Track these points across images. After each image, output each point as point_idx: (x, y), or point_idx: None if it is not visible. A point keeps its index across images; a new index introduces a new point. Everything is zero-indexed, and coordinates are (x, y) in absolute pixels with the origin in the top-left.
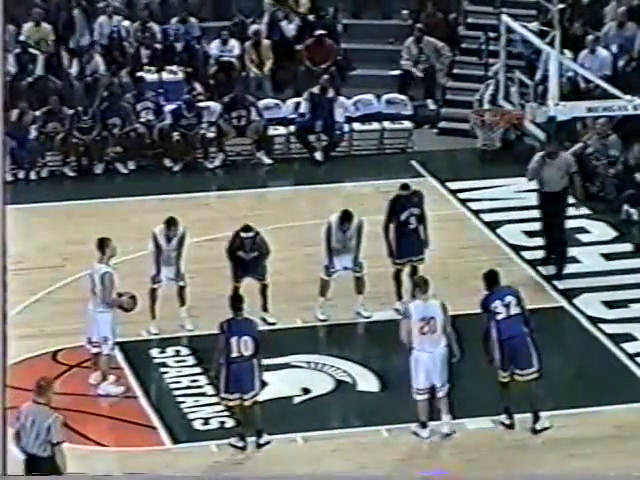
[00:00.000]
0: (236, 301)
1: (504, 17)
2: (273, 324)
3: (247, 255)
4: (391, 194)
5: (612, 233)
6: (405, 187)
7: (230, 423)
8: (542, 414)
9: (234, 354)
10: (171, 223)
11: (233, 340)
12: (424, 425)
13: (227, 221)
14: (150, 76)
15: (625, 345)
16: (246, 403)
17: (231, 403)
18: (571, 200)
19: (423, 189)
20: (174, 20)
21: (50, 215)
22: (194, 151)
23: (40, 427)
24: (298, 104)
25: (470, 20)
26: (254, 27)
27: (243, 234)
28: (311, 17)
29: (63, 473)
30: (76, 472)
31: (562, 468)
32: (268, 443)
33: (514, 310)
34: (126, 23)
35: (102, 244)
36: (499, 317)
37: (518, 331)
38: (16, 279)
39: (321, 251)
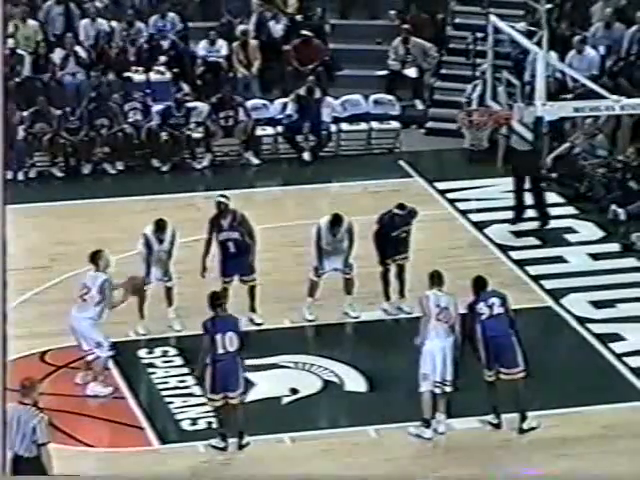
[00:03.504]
0: (215, 299)
1: (492, 17)
2: (260, 324)
3: (229, 234)
4: (379, 194)
5: (599, 233)
6: (402, 207)
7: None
8: (529, 414)
9: (220, 351)
10: (160, 225)
11: (218, 337)
12: (427, 424)
13: None
14: (138, 76)
15: (613, 345)
16: (232, 401)
17: (217, 403)
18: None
19: (411, 189)
20: (154, 17)
21: (38, 215)
22: (182, 151)
23: (26, 428)
24: (286, 104)
25: (457, 20)
26: (241, 27)
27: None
28: (299, 17)
29: (49, 473)
30: (65, 473)
31: (550, 468)
32: (248, 444)
33: (497, 310)
34: (113, 23)
35: (95, 257)
36: (483, 317)
37: (502, 330)
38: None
39: (311, 252)
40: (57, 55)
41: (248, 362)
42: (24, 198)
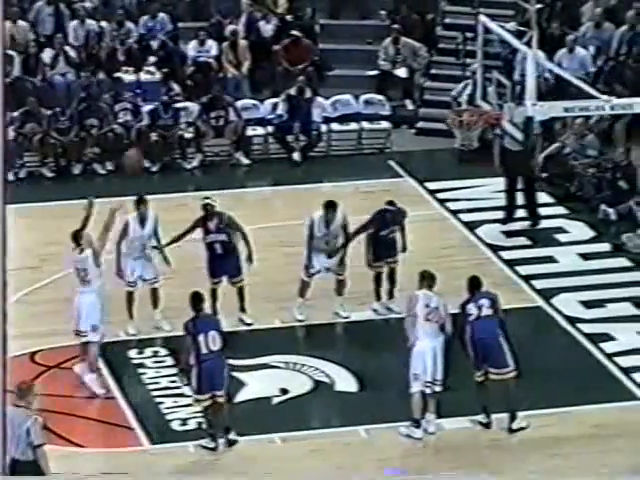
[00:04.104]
0: (197, 300)
1: (481, 17)
2: (250, 324)
3: (217, 236)
4: (370, 194)
5: (590, 233)
6: (392, 203)
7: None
8: (520, 414)
9: (204, 350)
10: (140, 202)
11: (201, 337)
12: (417, 424)
13: None
14: (128, 77)
15: (603, 345)
16: (220, 400)
17: (205, 403)
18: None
19: (401, 189)
20: (144, 17)
21: (28, 216)
22: (172, 152)
23: (19, 430)
24: (276, 104)
25: (447, 20)
26: (231, 27)
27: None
28: (289, 17)
29: (46, 474)
30: (54, 473)
31: (541, 468)
32: (237, 442)
33: (485, 312)
34: (102, 23)
35: (76, 236)
36: (471, 318)
37: (489, 332)
38: None
39: (301, 252)
40: (47, 55)
41: (238, 362)
42: (14, 198)
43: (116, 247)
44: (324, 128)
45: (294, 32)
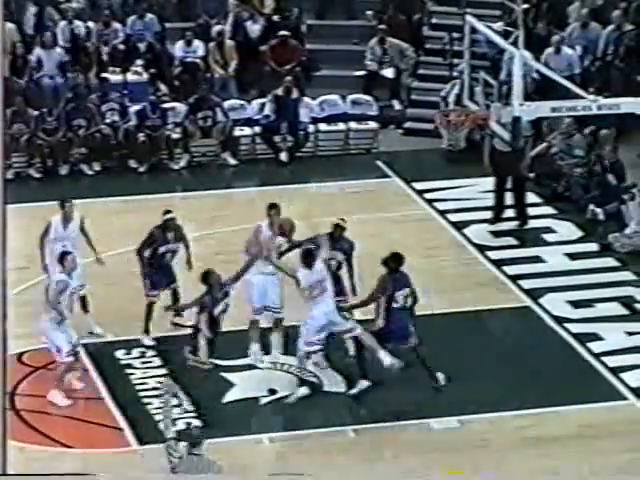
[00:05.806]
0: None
1: (468, 17)
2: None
3: (171, 247)
4: (357, 195)
5: (578, 233)
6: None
7: (196, 424)
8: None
9: None
10: (64, 203)
11: None
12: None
13: (193, 222)
14: (115, 77)
15: (590, 345)
16: None
17: None
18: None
19: (389, 189)
20: (132, 18)
21: (15, 217)
22: (159, 152)
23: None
24: (263, 105)
25: (434, 20)
26: (218, 28)
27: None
28: (276, 18)
29: None
30: (44, 474)
31: (527, 468)
32: None
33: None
34: (90, 24)
35: (62, 258)
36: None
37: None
38: None
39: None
40: (34, 56)
41: (227, 363)
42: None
43: (39, 249)
44: (311, 128)
45: (281, 32)
